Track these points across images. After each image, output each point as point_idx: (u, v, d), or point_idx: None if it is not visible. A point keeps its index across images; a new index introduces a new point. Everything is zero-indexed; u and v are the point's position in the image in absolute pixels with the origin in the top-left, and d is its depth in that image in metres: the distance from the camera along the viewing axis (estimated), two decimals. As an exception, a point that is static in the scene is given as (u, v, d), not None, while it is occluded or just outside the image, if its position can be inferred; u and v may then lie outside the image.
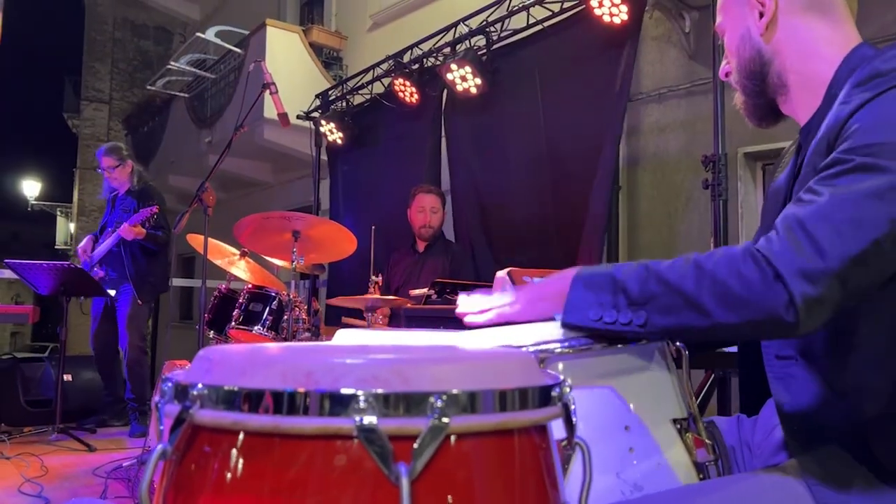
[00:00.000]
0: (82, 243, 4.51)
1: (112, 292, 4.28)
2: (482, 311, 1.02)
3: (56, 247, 17.91)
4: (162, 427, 0.55)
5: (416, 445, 0.50)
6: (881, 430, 0.84)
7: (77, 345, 5.72)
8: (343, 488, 0.50)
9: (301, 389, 0.50)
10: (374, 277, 2.93)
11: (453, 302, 2.59)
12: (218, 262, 3.51)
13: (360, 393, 0.50)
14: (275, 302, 3.05)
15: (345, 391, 0.50)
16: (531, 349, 0.85)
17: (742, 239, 3.71)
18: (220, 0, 11.30)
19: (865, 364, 0.86)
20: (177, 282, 8.91)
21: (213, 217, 2.96)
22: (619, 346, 0.88)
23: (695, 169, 3.85)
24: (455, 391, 0.52)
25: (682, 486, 0.88)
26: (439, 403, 0.51)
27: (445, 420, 0.51)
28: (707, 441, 0.92)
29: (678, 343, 0.94)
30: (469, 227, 4.25)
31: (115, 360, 4.41)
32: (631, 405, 0.88)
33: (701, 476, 0.89)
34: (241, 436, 0.52)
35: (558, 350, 0.86)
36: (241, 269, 3.54)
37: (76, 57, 16.53)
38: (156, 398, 0.58)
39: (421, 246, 3.75)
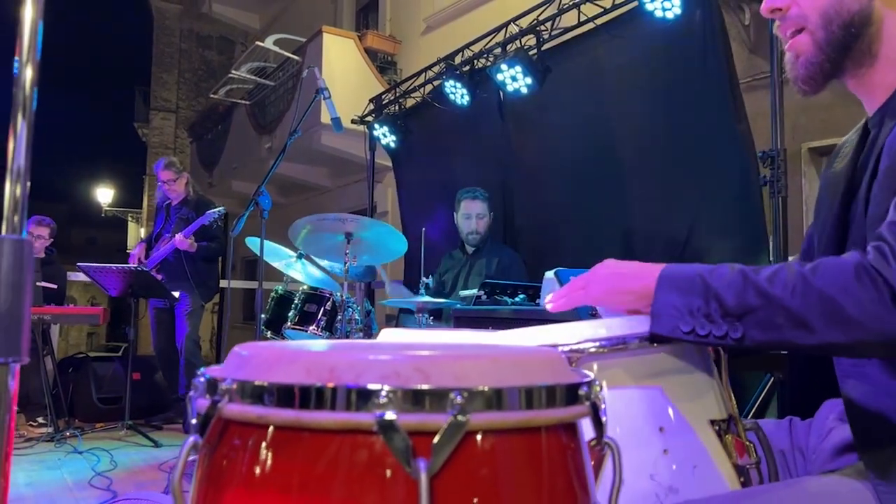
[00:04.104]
0: (135, 250, 4.77)
1: (176, 294, 4.48)
2: (559, 297, 0.98)
3: (128, 250, 18.71)
4: (193, 420, 0.57)
5: (435, 441, 0.50)
6: None
7: (148, 345, 6.02)
8: (365, 482, 0.51)
9: (323, 384, 0.51)
10: (424, 279, 2.95)
11: (503, 303, 2.60)
12: (275, 264, 3.61)
13: (380, 388, 0.50)
14: (328, 303, 3.11)
15: (366, 386, 0.51)
16: (565, 348, 0.84)
17: (807, 237, 3.55)
18: (279, 9, 11.59)
19: None
20: (239, 284, 9.18)
21: (272, 220, 3.05)
22: (655, 345, 0.85)
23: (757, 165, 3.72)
24: (476, 387, 0.52)
25: (730, 492, 0.85)
26: (459, 399, 0.51)
27: (466, 416, 0.51)
28: (748, 443, 0.88)
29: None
30: (528, 226, 4.23)
31: (176, 360, 4.61)
32: (666, 406, 0.85)
33: (741, 479, 0.86)
34: (268, 429, 0.53)
35: (592, 349, 0.84)
36: (298, 271, 3.62)
37: (146, 68, 17.26)
38: (189, 393, 0.60)
39: (469, 248, 3.76)
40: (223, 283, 6.16)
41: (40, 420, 4.46)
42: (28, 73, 0.59)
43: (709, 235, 3.03)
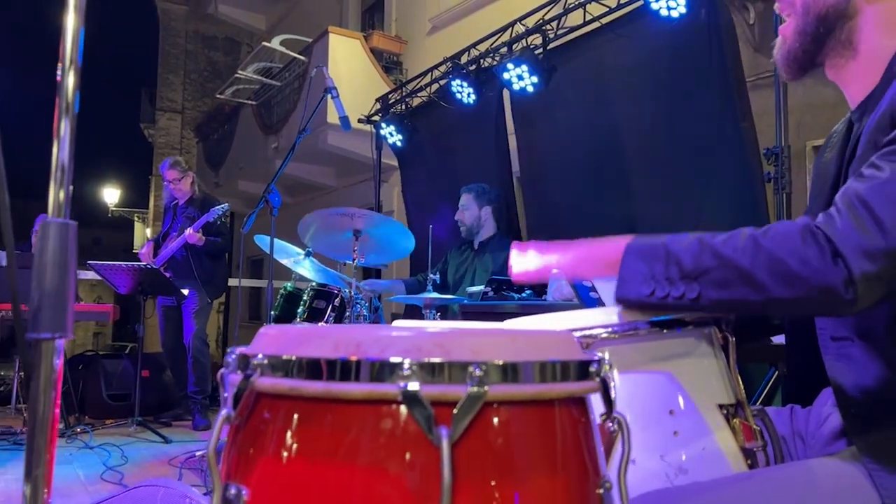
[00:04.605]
0: (143, 249, 4.82)
1: (185, 292, 4.53)
2: (529, 262, 1.02)
3: (133, 251, 18.80)
4: (226, 394, 0.60)
5: (455, 411, 0.53)
6: None
7: (155, 343, 6.09)
8: (389, 450, 0.54)
9: (350, 357, 0.55)
10: (431, 275, 2.99)
11: (509, 298, 2.63)
12: (283, 261, 3.65)
13: (404, 361, 0.54)
14: (337, 299, 3.15)
15: (390, 359, 0.54)
16: (578, 334, 0.87)
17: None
18: (285, 10, 11.65)
19: None
20: (245, 282, 9.24)
21: (279, 220, 3.10)
22: (665, 331, 0.89)
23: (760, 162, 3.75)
24: (493, 361, 0.55)
25: (734, 475, 0.88)
26: (478, 372, 0.54)
27: (484, 388, 0.54)
28: (755, 427, 0.91)
29: (725, 330, 0.93)
30: (534, 223, 4.26)
31: (184, 358, 4.65)
32: (676, 390, 0.89)
33: (749, 462, 0.89)
34: (299, 401, 0.57)
35: (603, 335, 0.87)
36: (306, 269, 3.65)
37: (152, 69, 17.33)
38: (221, 371, 0.63)
39: (476, 243, 3.80)
40: (233, 282, 6.20)
41: (51, 416, 4.50)
42: (71, 78, 0.64)
43: (713, 232, 3.06)
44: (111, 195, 20.31)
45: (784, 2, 1.01)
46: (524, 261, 1.04)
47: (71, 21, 0.63)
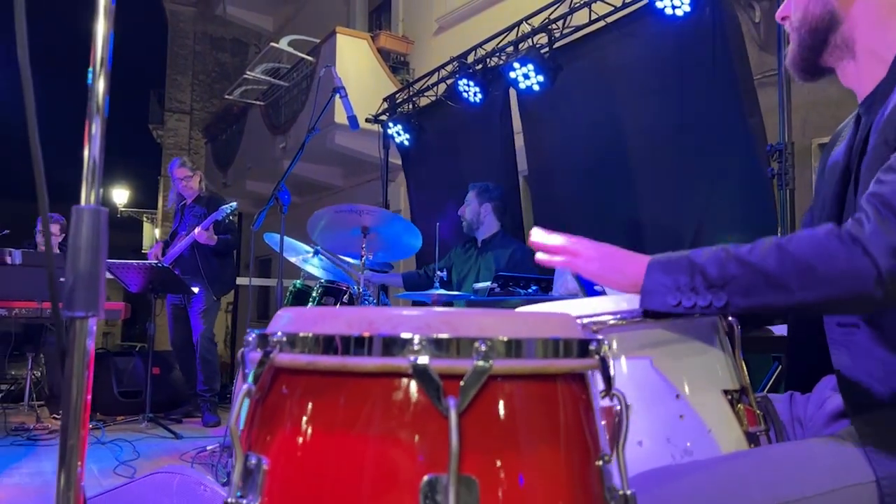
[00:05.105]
0: (153, 249, 4.89)
1: (195, 290, 4.57)
2: (555, 250, 1.04)
3: (143, 251, 18.92)
4: (247, 371, 0.64)
5: (462, 383, 0.57)
6: None
7: (165, 341, 6.15)
8: (401, 420, 0.58)
9: (363, 333, 0.58)
10: (439, 272, 3.02)
11: (516, 294, 2.66)
12: (292, 259, 3.69)
13: (414, 336, 0.57)
14: (345, 296, 3.19)
15: (401, 335, 0.58)
16: (587, 320, 0.90)
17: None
18: (293, 11, 11.70)
19: None
20: (254, 281, 9.30)
21: (287, 219, 3.14)
22: (672, 319, 0.92)
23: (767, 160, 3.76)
24: (498, 337, 0.59)
25: (733, 452, 0.91)
26: (483, 347, 0.58)
27: (490, 362, 0.57)
28: (758, 412, 0.94)
29: (730, 318, 0.97)
30: (540, 221, 4.29)
31: (193, 356, 4.71)
32: (682, 375, 0.92)
33: (751, 445, 0.92)
34: (316, 375, 0.60)
35: (611, 322, 0.91)
36: (315, 266, 3.70)
37: (160, 71, 17.45)
38: (242, 350, 0.67)
39: (479, 241, 3.83)
40: (243, 281, 6.24)
41: (63, 413, 4.56)
42: (101, 81, 0.68)
43: (719, 229, 3.09)
44: (120, 196, 20.43)
45: (786, 22, 1.08)
46: (548, 238, 1.05)
47: (101, 26, 0.67)
